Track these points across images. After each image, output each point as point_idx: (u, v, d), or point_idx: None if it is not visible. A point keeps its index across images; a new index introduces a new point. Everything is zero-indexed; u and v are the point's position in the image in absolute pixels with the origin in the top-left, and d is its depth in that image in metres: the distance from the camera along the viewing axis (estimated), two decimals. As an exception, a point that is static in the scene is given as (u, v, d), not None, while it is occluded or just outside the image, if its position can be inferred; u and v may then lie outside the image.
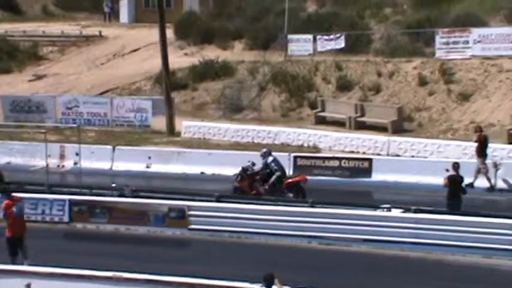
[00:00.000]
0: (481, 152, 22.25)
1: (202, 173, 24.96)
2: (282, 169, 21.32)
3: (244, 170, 21.28)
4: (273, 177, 20.94)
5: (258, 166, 21.35)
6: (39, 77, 40.98)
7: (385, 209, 18.66)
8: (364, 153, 26.11)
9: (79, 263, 14.90)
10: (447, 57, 31.92)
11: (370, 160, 24.16)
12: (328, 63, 34.23)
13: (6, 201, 16.49)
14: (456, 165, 19.10)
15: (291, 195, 20.86)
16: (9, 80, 40.76)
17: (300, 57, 35.37)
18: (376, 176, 23.47)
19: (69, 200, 19.87)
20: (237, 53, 38.38)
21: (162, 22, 32.58)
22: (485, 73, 30.65)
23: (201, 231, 18.78)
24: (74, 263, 14.90)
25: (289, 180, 21.23)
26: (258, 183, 21.10)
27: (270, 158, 21.29)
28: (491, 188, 21.92)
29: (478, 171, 21.93)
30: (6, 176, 22.56)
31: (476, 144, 22.57)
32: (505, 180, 22.22)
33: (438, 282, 14.75)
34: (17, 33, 45.81)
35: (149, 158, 25.98)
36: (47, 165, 22.94)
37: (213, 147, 27.73)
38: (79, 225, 19.66)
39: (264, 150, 21.84)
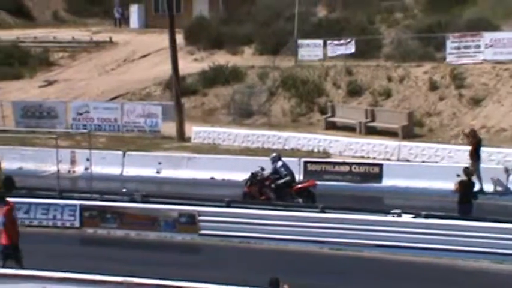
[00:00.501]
0: (475, 155, 22.19)
1: (212, 178, 24.97)
2: (291, 174, 21.30)
3: (254, 175, 21.26)
4: (281, 180, 20.91)
5: (268, 171, 21.32)
6: (50, 83, 41.13)
7: (395, 214, 18.62)
8: (374, 158, 26.07)
9: (90, 268, 14.91)
10: (458, 61, 31.85)
11: (380, 165, 24.10)
12: (339, 68, 34.23)
13: (7, 206, 15.79)
14: (467, 171, 19.04)
15: (300, 200, 20.81)
16: (21, 85, 40.93)
17: (310, 62, 35.37)
18: (387, 181, 23.42)
19: (80, 205, 19.91)
20: (247, 58, 38.43)
21: (172, 27, 32.67)
22: (497, 77, 30.57)
23: (212, 237, 18.77)
24: (85, 267, 14.91)
25: (299, 186, 21.19)
26: (268, 189, 21.05)
27: (279, 163, 21.26)
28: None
29: (478, 175, 21.79)
30: (17, 181, 22.62)
31: (470, 148, 22.48)
32: (517, 185, 22.15)
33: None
34: (28, 39, 46.04)
35: (159, 163, 26.03)
36: (58, 170, 23.00)
37: (223, 153, 27.74)
38: (90, 230, 19.69)
39: (274, 155, 21.84)
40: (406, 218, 18.45)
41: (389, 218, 18.47)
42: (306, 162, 24.55)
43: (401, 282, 15.17)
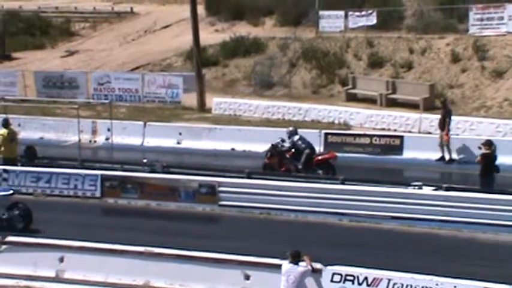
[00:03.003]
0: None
1: (232, 149, 24.99)
2: (310, 146, 21.12)
3: (274, 146, 21.21)
4: (304, 156, 20.79)
5: (288, 144, 21.22)
6: (71, 53, 41.27)
7: (416, 187, 18.55)
8: (395, 130, 25.96)
9: (111, 237, 15.02)
10: (481, 33, 31.49)
11: (401, 137, 23.98)
12: (360, 39, 33.98)
13: None
14: (489, 143, 18.91)
15: (320, 172, 20.77)
16: (42, 56, 41.11)
17: (331, 33, 35.14)
18: (408, 154, 23.32)
19: (101, 175, 20.01)
20: (268, 30, 38.26)
21: (193, -2, 32.54)
22: (520, 49, 30.23)
23: (231, 208, 18.81)
24: (105, 237, 15.02)
25: (319, 158, 21.08)
26: (288, 161, 21.02)
27: (296, 137, 21.13)
28: (442, 159, 22.48)
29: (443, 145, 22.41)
30: (39, 151, 22.77)
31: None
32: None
33: (469, 261, 14.64)
34: (50, 9, 46.16)
35: (180, 134, 26.07)
36: (79, 140, 23.13)
37: (243, 124, 27.73)
38: (110, 200, 19.80)
39: (290, 129, 21.62)
40: (427, 190, 18.38)
41: (409, 190, 18.40)
42: (326, 134, 24.48)
43: (421, 255, 15.14)
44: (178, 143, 25.88)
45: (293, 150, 21.00)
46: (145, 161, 22.13)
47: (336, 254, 14.49)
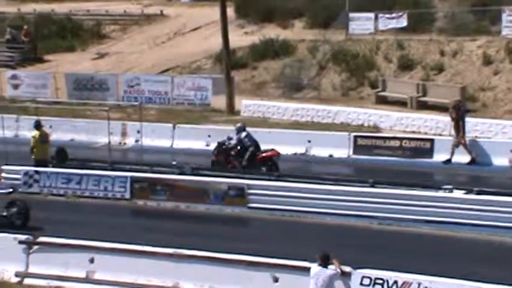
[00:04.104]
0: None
1: (264, 151, 24.96)
2: (255, 144, 21.68)
3: (220, 144, 21.92)
4: (248, 153, 21.36)
5: (234, 141, 21.86)
6: (101, 56, 41.51)
7: (447, 190, 18.40)
8: (425, 133, 25.77)
9: (140, 239, 15.08)
10: (514, 35, 31.18)
11: (432, 140, 23.80)
12: (390, 42, 33.79)
13: None
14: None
15: (264, 169, 21.28)
16: (73, 58, 41.41)
17: (360, 35, 34.98)
18: (438, 157, 23.12)
19: (131, 177, 20.11)
20: (297, 32, 38.16)
21: (223, 0, 32.60)
22: (554, 52, 29.87)
23: (260, 210, 18.81)
24: (135, 239, 15.08)
25: (263, 155, 21.62)
26: (233, 158, 21.59)
27: (244, 134, 21.73)
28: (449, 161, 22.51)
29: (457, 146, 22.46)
30: (69, 153, 22.94)
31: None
32: None
33: (500, 265, 14.47)
34: (81, 12, 46.46)
35: (209, 136, 26.07)
36: (109, 142, 23.27)
37: (272, 126, 27.68)
38: (140, 202, 19.89)
39: (238, 125, 22.28)
40: (458, 193, 18.21)
41: (440, 193, 18.25)
42: (356, 137, 24.39)
43: (450, 259, 15.00)
44: (207, 145, 25.89)
45: (239, 147, 21.56)
46: (174, 162, 22.22)
47: (365, 257, 14.40)
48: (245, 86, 34.66)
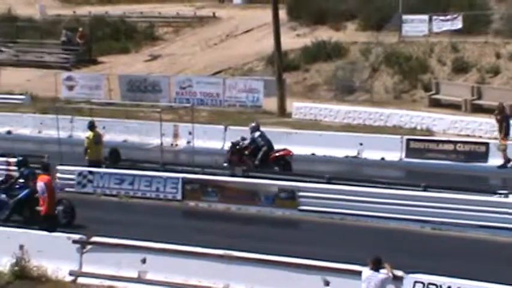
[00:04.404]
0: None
1: (313, 154, 24.88)
2: (268, 143, 21.94)
3: (234, 144, 22.30)
4: (261, 153, 21.69)
5: (247, 141, 22.19)
6: (154, 57, 41.90)
7: (502, 195, 18.06)
8: (480, 137, 25.35)
9: (191, 240, 15.13)
10: None
11: (487, 144, 23.40)
12: (444, 44, 33.40)
13: (48, 176, 16.34)
14: None
15: (276, 168, 21.59)
16: (127, 60, 41.89)
17: (414, 38, 34.64)
18: (493, 161, 22.74)
19: (182, 178, 20.21)
20: (350, 34, 37.98)
21: (275, 3, 32.63)
22: None
23: (311, 213, 18.72)
24: (186, 240, 15.14)
25: (276, 154, 21.89)
26: (247, 157, 21.89)
27: (257, 133, 22.06)
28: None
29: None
30: (122, 153, 23.18)
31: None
32: None
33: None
34: (135, 14, 46.98)
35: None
36: (161, 143, 23.44)
37: (324, 129, 27.58)
38: (191, 203, 19.97)
39: (252, 124, 22.54)
40: (513, 199, 17.88)
41: (495, 198, 17.93)
42: (408, 140, 24.14)
43: (506, 265, 14.71)
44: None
45: (252, 146, 21.91)
46: (225, 164, 22.28)
47: (417, 261, 14.22)
48: (297, 88, 34.60)
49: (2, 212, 18.03)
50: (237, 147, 22.23)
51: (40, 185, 16.05)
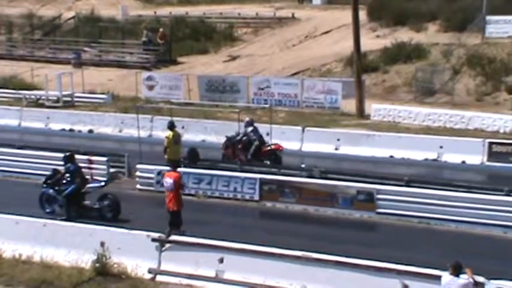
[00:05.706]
0: None
1: (391, 156, 24.59)
2: (260, 138, 22.98)
3: (229, 138, 23.24)
4: (253, 147, 22.69)
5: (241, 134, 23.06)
6: (233, 58, 42.17)
7: None
8: None
9: (268, 241, 15.14)
10: None
11: None
12: (530, 45, 32.58)
13: (178, 173, 16.98)
14: None
15: (268, 162, 22.48)
16: (206, 60, 42.29)
17: (498, 39, 33.86)
18: None
19: (260, 179, 20.26)
20: (431, 35, 37.41)
21: (356, 3, 32.38)
22: None
23: (389, 216, 18.51)
24: (263, 240, 15.17)
25: (267, 149, 22.95)
26: (240, 151, 22.81)
27: (250, 128, 22.98)
28: None
29: None
30: (201, 153, 23.39)
31: None
32: None
33: None
34: (214, 15, 47.41)
35: (338, 140, 25.96)
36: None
37: (403, 131, 27.23)
38: (269, 204, 20.01)
39: (247, 119, 23.59)
40: None
41: None
42: (490, 143, 23.59)
43: None
44: (336, 148, 25.80)
45: (244, 139, 22.78)
46: (303, 165, 22.23)
47: (499, 267, 13.90)
48: (376, 90, 34.28)
49: (51, 206, 18.69)
50: (231, 141, 23.08)
51: (168, 181, 16.53)
